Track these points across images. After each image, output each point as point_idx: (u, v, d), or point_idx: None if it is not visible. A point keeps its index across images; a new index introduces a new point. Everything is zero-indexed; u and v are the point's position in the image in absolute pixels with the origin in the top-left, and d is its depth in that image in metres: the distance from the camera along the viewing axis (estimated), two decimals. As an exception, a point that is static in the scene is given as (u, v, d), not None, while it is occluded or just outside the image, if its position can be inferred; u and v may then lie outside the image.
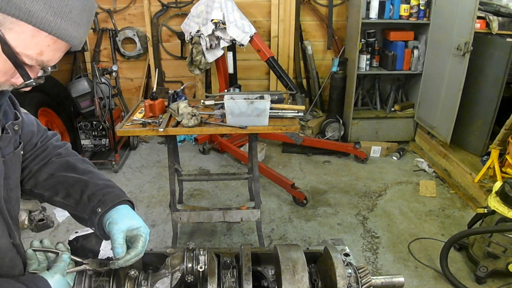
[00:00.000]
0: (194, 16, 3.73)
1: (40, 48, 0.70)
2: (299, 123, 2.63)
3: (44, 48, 0.71)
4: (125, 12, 4.58)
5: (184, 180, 3.15)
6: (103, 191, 1.02)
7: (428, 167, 4.00)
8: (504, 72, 3.37)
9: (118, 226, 0.97)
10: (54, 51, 0.73)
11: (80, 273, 0.99)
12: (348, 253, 1.20)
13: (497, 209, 2.38)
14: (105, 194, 1.02)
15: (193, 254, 1.07)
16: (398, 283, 1.12)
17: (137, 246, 0.98)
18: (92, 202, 1.00)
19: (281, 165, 4.14)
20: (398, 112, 4.53)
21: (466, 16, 3.39)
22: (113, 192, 1.03)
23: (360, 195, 3.57)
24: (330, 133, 4.52)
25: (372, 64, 4.40)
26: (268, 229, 3.07)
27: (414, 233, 3.02)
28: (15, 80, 0.75)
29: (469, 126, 3.80)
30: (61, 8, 0.68)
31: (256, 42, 3.49)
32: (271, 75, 4.64)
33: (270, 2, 4.42)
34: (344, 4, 4.53)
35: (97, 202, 1.00)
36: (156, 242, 2.92)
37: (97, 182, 1.05)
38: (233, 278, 1.06)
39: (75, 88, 3.76)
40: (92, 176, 1.06)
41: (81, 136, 3.88)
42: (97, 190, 1.02)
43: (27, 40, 0.68)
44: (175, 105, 2.38)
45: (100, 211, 0.99)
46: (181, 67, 4.65)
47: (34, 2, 0.65)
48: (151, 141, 4.71)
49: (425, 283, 2.54)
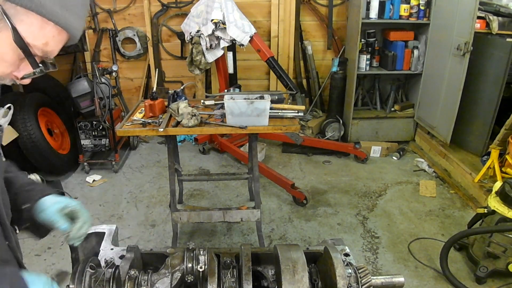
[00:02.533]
0: (194, 16, 3.73)
1: (46, 39, 0.76)
2: (299, 123, 2.63)
3: (50, 39, 0.76)
4: (125, 12, 4.58)
5: (184, 180, 3.15)
6: (27, 188, 1.03)
7: (428, 167, 4.00)
8: (504, 72, 3.37)
9: (49, 209, 0.99)
10: (57, 43, 0.78)
11: (80, 273, 0.99)
12: (348, 253, 1.20)
13: (497, 209, 2.38)
14: (29, 190, 1.03)
15: (193, 254, 1.08)
16: (398, 283, 1.12)
17: (79, 216, 0.99)
18: (18, 201, 1.01)
19: (281, 165, 4.14)
20: (398, 112, 4.53)
21: (466, 16, 3.39)
22: (35, 189, 1.04)
23: (360, 195, 3.57)
24: (330, 133, 4.52)
25: (372, 64, 4.40)
26: (268, 229, 3.07)
27: (414, 233, 3.02)
28: (17, 73, 0.79)
29: (469, 126, 3.80)
30: (66, 1, 0.75)
31: (256, 42, 3.49)
32: (271, 75, 4.64)
33: (270, 2, 4.42)
34: (344, 4, 4.53)
35: (22, 200, 1.01)
36: (156, 242, 2.92)
37: (21, 182, 1.05)
38: (233, 278, 1.06)
39: (75, 88, 3.76)
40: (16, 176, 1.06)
41: (81, 136, 3.88)
42: (20, 190, 1.03)
43: (36, 31, 0.73)
44: (175, 105, 2.38)
45: (28, 206, 1.00)
46: (181, 67, 4.65)
47: None
48: (151, 141, 4.71)
49: (425, 283, 2.54)
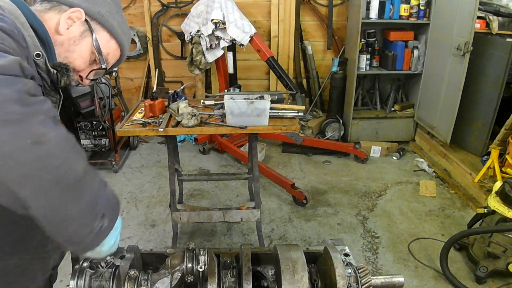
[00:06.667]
0: (194, 16, 3.73)
1: (109, 51, 1.06)
2: (299, 123, 2.62)
3: (111, 51, 1.06)
4: (125, 12, 4.57)
5: (184, 180, 3.15)
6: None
7: (428, 167, 4.00)
8: (504, 72, 3.37)
9: None
10: (114, 56, 1.09)
11: (80, 272, 0.99)
12: (348, 253, 1.20)
13: (497, 209, 2.38)
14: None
15: (193, 254, 1.08)
16: (398, 283, 1.12)
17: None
18: None
19: (281, 165, 4.14)
20: (398, 112, 4.52)
21: (466, 16, 3.39)
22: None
23: (360, 195, 3.57)
24: (330, 133, 4.52)
25: (372, 64, 4.40)
26: (268, 229, 3.07)
27: (414, 233, 3.02)
28: (83, 74, 1.05)
29: (469, 126, 3.79)
30: (124, 28, 1.08)
31: (256, 42, 3.49)
32: (271, 75, 4.64)
33: (270, 2, 4.42)
34: (344, 4, 4.53)
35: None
36: (156, 242, 2.92)
37: None
38: (233, 278, 1.06)
39: (75, 88, 3.71)
40: None
41: (81, 136, 3.88)
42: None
43: (104, 43, 1.03)
44: (175, 105, 2.37)
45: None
46: (181, 67, 4.65)
47: (114, 20, 1.04)
48: (151, 141, 4.71)
49: (425, 283, 2.54)
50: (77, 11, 0.97)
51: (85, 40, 0.99)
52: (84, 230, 0.80)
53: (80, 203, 0.76)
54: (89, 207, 0.79)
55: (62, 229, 0.77)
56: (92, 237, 0.81)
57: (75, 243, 0.81)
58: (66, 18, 0.96)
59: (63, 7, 0.97)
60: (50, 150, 0.70)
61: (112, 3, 1.04)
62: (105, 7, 1.02)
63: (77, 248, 0.85)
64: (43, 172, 0.69)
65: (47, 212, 0.73)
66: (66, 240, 0.80)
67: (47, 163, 0.70)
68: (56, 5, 0.97)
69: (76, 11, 0.97)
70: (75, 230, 0.78)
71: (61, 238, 0.79)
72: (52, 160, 0.70)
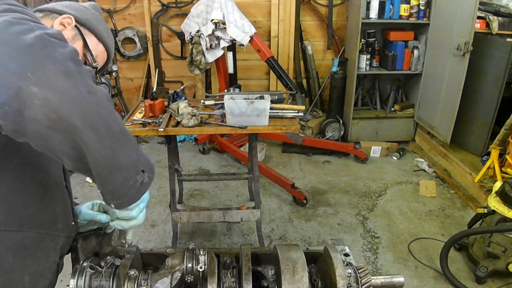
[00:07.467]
0: (194, 16, 3.73)
1: (97, 53, 1.14)
2: (299, 123, 2.62)
3: (99, 54, 1.15)
4: (125, 12, 4.58)
5: (184, 180, 3.15)
6: None
7: (428, 167, 4.00)
8: (504, 72, 3.37)
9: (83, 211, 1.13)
10: (102, 59, 1.18)
11: (80, 272, 0.99)
12: (348, 253, 1.20)
13: (497, 209, 2.38)
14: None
15: (193, 254, 1.08)
16: (398, 283, 1.12)
17: (107, 208, 1.09)
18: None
19: (281, 165, 4.14)
20: (398, 112, 4.52)
21: (466, 16, 3.39)
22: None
23: (360, 195, 3.57)
24: (330, 133, 4.52)
25: (372, 64, 4.40)
26: (268, 229, 3.07)
27: (414, 233, 3.02)
28: None
29: (469, 126, 3.79)
30: (109, 34, 1.19)
31: (256, 42, 3.49)
32: (271, 75, 4.64)
33: (270, 2, 4.42)
34: (344, 4, 4.53)
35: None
36: (156, 242, 2.92)
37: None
38: (233, 278, 1.06)
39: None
40: None
41: (81, 136, 3.88)
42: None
43: (93, 46, 1.13)
44: (175, 105, 2.37)
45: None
46: (181, 67, 4.65)
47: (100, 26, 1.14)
48: (151, 141, 4.71)
49: (425, 283, 2.54)
50: (68, 17, 1.07)
51: (77, 43, 1.08)
52: (129, 181, 0.87)
53: (126, 154, 0.85)
54: (133, 159, 0.87)
55: (111, 178, 0.84)
56: (135, 190, 0.89)
57: (120, 195, 0.89)
58: (58, 24, 1.06)
59: (54, 15, 1.08)
60: (100, 100, 0.80)
61: (96, 13, 1.17)
62: (91, 15, 1.14)
63: (119, 202, 0.92)
64: (97, 118, 0.78)
65: (101, 159, 0.80)
66: (113, 190, 0.87)
67: (100, 109, 0.79)
68: (48, 13, 1.08)
69: (67, 17, 1.07)
70: (122, 181, 0.86)
71: (109, 187, 0.86)
72: (102, 108, 0.80)
